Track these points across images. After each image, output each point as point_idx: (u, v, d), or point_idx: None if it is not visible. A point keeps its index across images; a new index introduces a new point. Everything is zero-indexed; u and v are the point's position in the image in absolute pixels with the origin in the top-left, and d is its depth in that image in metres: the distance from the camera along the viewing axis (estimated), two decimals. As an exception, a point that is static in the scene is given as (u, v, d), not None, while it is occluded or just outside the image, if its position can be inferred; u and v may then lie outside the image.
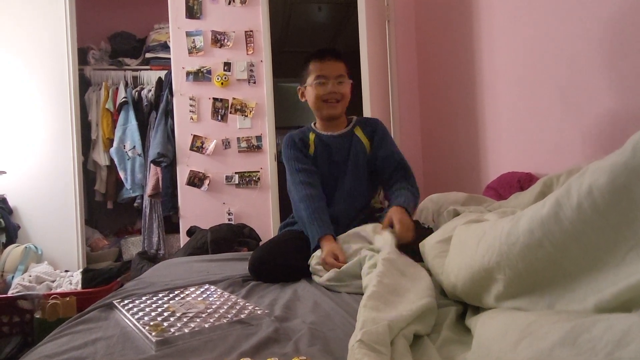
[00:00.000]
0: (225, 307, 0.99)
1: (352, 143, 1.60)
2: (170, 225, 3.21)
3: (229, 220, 2.96)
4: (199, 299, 1.07)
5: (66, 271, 2.69)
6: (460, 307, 0.86)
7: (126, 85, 3.33)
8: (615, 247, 0.53)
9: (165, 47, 3.35)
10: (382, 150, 1.59)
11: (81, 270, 2.62)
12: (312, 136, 1.61)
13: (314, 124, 1.68)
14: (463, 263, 0.78)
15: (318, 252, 1.33)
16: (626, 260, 0.51)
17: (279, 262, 1.33)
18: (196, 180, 2.99)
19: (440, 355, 0.68)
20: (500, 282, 0.67)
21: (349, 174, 1.57)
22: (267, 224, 3.00)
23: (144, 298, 1.08)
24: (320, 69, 1.54)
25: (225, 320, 0.90)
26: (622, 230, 0.51)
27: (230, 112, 3.04)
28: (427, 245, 1.08)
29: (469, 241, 0.76)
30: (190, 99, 3.01)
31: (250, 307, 0.98)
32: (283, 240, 1.48)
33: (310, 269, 1.32)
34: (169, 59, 3.07)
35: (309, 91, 1.57)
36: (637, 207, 0.48)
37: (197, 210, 2.97)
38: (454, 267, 0.82)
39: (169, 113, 3.10)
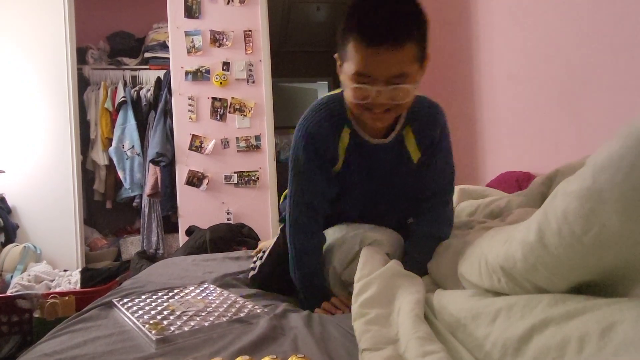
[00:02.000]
0: (225, 305, 0.99)
1: (402, 155, 1.09)
2: (169, 224, 3.21)
3: (228, 220, 2.97)
4: (198, 297, 1.07)
5: (65, 270, 2.69)
6: None
7: (125, 84, 3.33)
8: (598, 271, 0.55)
9: (164, 46, 3.35)
10: (430, 171, 1.11)
11: (80, 269, 2.63)
12: (345, 138, 1.05)
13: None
14: (473, 282, 0.79)
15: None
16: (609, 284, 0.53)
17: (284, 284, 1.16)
18: (195, 179, 2.99)
19: None
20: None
21: (388, 194, 1.15)
22: (266, 223, 3.00)
23: (143, 297, 1.09)
24: (366, 63, 0.88)
25: (224, 319, 0.90)
26: (601, 254, 0.52)
27: (229, 112, 3.04)
28: (435, 258, 1.07)
29: (474, 264, 0.77)
30: (189, 98, 3.01)
31: (249, 306, 0.99)
32: (269, 276, 1.22)
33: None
34: (168, 58, 3.08)
35: (344, 80, 0.96)
36: (608, 231, 0.50)
37: (196, 209, 2.98)
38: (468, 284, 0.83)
39: (167, 112, 3.10)
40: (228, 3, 3.07)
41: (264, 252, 1.28)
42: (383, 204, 1.16)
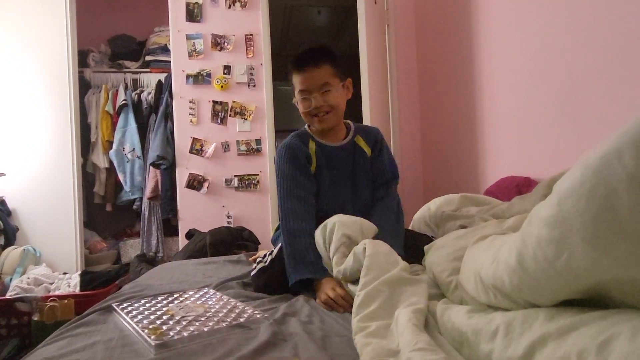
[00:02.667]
0: (225, 310, 0.99)
1: (356, 154, 1.48)
2: (169, 228, 3.21)
3: (228, 223, 2.97)
4: (198, 302, 1.07)
5: (64, 273, 2.68)
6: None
7: (126, 87, 3.33)
8: (578, 292, 0.56)
9: (165, 50, 3.36)
10: (376, 164, 1.50)
11: (79, 272, 2.62)
12: (312, 146, 1.45)
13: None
14: (470, 293, 0.81)
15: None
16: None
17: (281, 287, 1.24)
18: (195, 183, 2.99)
19: None
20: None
21: (354, 188, 1.46)
22: (266, 227, 3.00)
23: (142, 301, 1.08)
24: (301, 82, 1.37)
25: (224, 324, 0.90)
26: (574, 278, 0.54)
27: (230, 115, 3.05)
28: (435, 259, 1.08)
29: (470, 278, 0.79)
30: (190, 101, 3.02)
31: (249, 311, 0.99)
32: (280, 271, 1.27)
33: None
34: (169, 61, 3.08)
35: (297, 101, 1.43)
36: (576, 257, 0.51)
37: (196, 213, 2.98)
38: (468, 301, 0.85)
39: (168, 116, 3.11)
40: (229, 7, 3.07)
41: (271, 251, 1.34)
42: (351, 192, 1.46)
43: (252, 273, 1.30)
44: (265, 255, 1.35)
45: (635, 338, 0.46)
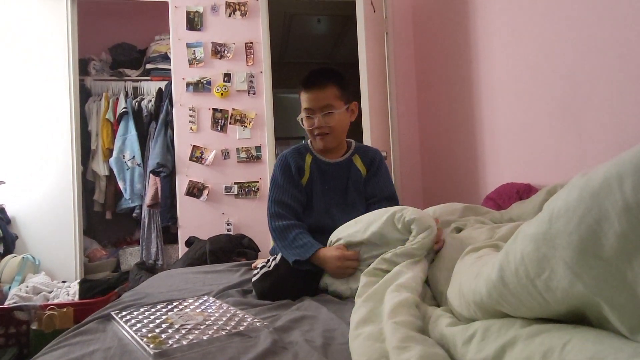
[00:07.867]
0: (224, 318, 0.98)
1: (351, 172, 1.52)
2: (169, 235, 3.20)
3: (227, 231, 2.96)
4: (198, 310, 1.06)
5: (63, 282, 2.67)
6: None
7: (126, 95, 3.35)
8: (554, 314, 0.57)
9: (165, 58, 3.37)
10: (374, 181, 1.53)
11: (79, 280, 2.61)
12: (309, 159, 1.52)
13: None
14: (455, 309, 0.82)
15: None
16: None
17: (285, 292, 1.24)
18: (195, 190, 2.99)
19: None
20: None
21: (346, 204, 1.49)
22: (266, 234, 2.99)
23: (142, 309, 1.08)
24: (306, 100, 1.45)
25: (223, 332, 0.89)
26: (551, 299, 0.54)
27: (230, 123, 3.05)
28: (429, 270, 1.09)
29: (455, 292, 0.81)
30: (190, 109, 3.03)
31: (249, 319, 0.98)
32: (284, 276, 1.27)
33: (328, 289, 1.25)
34: (169, 70, 3.09)
35: (302, 122, 1.51)
36: (556, 279, 0.52)
37: (196, 220, 2.97)
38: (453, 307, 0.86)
39: (168, 123, 3.11)
40: (230, 15, 3.10)
41: (274, 257, 1.35)
42: (342, 207, 1.48)
43: (254, 278, 1.29)
44: (268, 261, 1.36)
45: (598, 336, 0.49)
